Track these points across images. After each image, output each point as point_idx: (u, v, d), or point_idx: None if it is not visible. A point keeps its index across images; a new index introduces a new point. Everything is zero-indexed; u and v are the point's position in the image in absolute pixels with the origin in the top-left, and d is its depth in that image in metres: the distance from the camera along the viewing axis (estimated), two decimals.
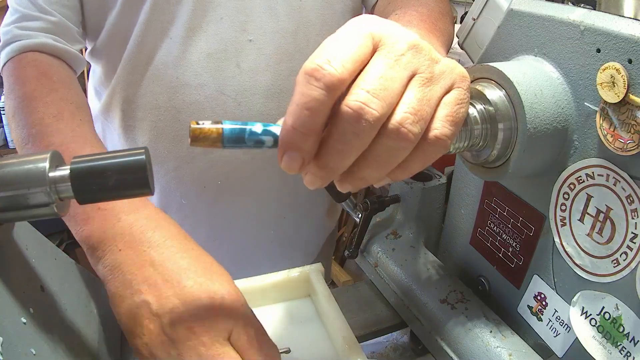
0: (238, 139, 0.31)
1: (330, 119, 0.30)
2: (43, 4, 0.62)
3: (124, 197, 0.34)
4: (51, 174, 0.32)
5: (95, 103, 0.76)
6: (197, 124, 0.31)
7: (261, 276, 0.59)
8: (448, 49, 0.57)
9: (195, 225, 0.77)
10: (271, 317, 0.57)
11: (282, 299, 0.59)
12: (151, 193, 0.33)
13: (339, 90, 0.28)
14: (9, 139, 2.20)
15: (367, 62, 0.30)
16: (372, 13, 0.78)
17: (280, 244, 0.83)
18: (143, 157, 0.33)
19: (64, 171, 0.32)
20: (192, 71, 0.65)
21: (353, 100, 0.28)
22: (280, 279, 0.58)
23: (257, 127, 0.31)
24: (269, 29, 0.66)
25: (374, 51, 0.31)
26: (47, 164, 0.32)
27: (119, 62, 0.68)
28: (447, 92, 0.33)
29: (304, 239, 0.87)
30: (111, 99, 0.71)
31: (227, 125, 0.31)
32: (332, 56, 0.28)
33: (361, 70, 0.30)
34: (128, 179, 0.33)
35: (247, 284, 0.58)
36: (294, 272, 0.59)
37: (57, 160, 0.33)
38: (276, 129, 0.32)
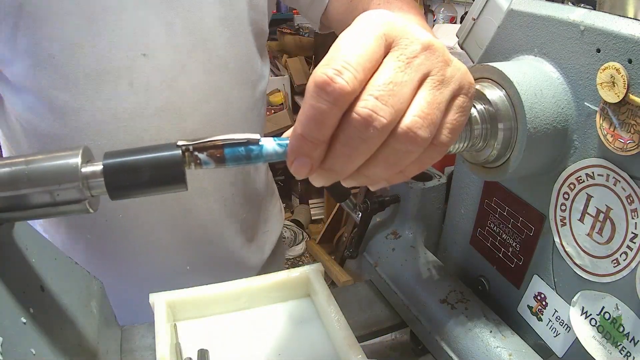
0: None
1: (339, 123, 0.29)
2: None
3: (158, 193, 0.32)
4: (83, 170, 0.31)
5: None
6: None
7: (261, 276, 0.59)
8: None
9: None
10: (271, 317, 0.57)
11: (282, 299, 0.59)
12: (186, 188, 0.32)
13: (348, 101, 0.28)
14: None
15: (380, 64, 0.30)
16: (326, 10, 0.73)
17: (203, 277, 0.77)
18: (179, 151, 0.31)
19: (97, 167, 0.31)
20: (81, 93, 0.59)
21: (362, 107, 0.28)
22: (280, 279, 0.58)
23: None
24: (163, 42, 0.61)
25: (386, 51, 0.30)
26: (79, 160, 0.31)
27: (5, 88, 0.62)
28: (456, 96, 0.32)
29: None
30: (7, 123, 0.67)
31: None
32: (344, 64, 0.28)
33: (374, 72, 0.29)
34: (163, 175, 0.31)
35: (247, 284, 0.58)
36: (294, 272, 0.59)
37: (88, 156, 0.32)
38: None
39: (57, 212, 0.32)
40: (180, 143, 0.32)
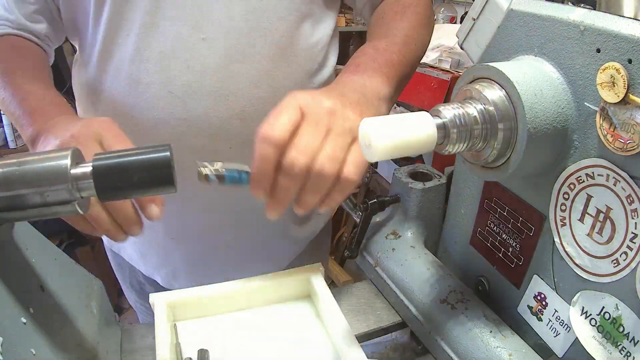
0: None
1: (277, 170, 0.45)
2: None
3: (147, 194, 0.34)
4: (73, 171, 0.31)
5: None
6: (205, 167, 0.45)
7: (261, 276, 0.59)
8: (414, 63, 0.65)
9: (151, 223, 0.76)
10: (271, 317, 0.57)
11: (282, 299, 0.59)
12: (175, 190, 0.34)
13: (282, 147, 0.44)
14: (9, 139, 2.20)
15: (299, 123, 0.45)
16: (361, 13, 0.80)
17: (238, 252, 0.82)
18: (167, 153, 0.32)
19: (86, 168, 0.32)
20: (145, 69, 0.66)
21: (288, 158, 0.44)
22: (280, 279, 0.58)
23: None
24: (223, 27, 0.66)
25: (303, 115, 0.45)
26: (68, 161, 0.31)
27: (88, 57, 0.70)
28: (354, 140, 0.46)
29: (266, 249, 0.85)
30: (79, 83, 0.74)
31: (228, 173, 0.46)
32: (275, 126, 0.44)
33: (297, 126, 0.45)
34: (152, 176, 0.32)
35: (247, 284, 0.58)
36: (294, 272, 0.59)
37: (77, 158, 0.33)
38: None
39: (50, 213, 0.32)
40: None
